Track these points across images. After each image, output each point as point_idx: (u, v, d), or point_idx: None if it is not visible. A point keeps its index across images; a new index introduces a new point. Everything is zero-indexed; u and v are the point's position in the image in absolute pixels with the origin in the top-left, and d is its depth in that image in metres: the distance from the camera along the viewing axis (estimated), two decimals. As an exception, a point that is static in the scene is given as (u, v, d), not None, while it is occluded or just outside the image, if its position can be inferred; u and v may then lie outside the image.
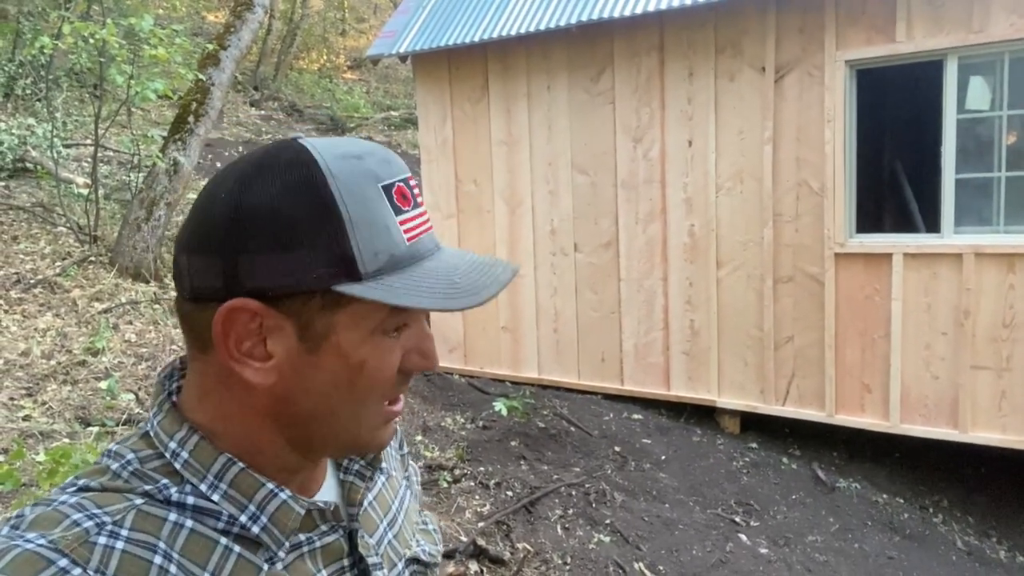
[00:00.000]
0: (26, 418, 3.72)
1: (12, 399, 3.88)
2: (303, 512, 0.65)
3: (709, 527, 3.92)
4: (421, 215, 0.66)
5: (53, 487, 2.40)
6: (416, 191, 0.66)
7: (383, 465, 0.82)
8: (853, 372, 4.62)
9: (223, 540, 0.62)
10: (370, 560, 0.72)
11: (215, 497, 0.62)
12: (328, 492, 0.73)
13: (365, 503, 0.75)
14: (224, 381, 0.64)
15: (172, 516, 0.60)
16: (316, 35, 14.95)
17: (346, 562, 0.70)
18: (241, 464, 0.63)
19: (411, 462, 0.97)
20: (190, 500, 0.61)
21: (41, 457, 3.01)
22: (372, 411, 0.66)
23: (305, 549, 0.67)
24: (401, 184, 0.64)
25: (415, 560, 0.81)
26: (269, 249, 0.59)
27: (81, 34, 5.24)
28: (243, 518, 0.62)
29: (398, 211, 0.63)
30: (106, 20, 5.50)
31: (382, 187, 0.62)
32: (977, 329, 4.23)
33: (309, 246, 0.59)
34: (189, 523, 0.61)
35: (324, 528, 0.69)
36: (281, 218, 0.59)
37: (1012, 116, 4.20)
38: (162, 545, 0.59)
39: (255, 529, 0.62)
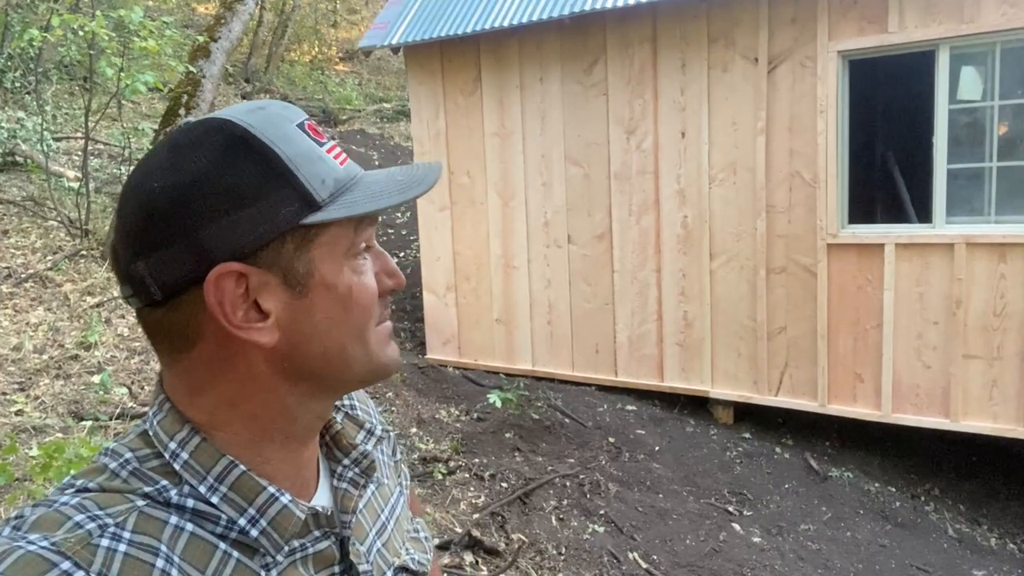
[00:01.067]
0: (19, 413, 3.71)
1: (4, 394, 3.86)
2: (303, 517, 0.65)
3: (703, 517, 3.94)
4: (336, 146, 0.68)
5: (46, 482, 2.40)
6: (321, 128, 0.69)
7: (376, 474, 0.81)
8: (845, 362, 4.64)
9: (221, 545, 0.61)
10: (361, 568, 0.71)
11: (214, 499, 0.61)
12: (321, 498, 0.73)
13: (358, 511, 0.75)
14: (220, 366, 0.63)
15: (173, 519, 0.60)
16: (308, 27, 14.85)
17: (336, 569, 0.70)
18: (243, 467, 0.63)
19: (403, 468, 0.96)
20: (189, 503, 0.61)
21: (34, 452, 3.01)
22: (372, 334, 0.68)
23: (298, 555, 0.66)
24: (308, 122, 0.66)
25: (404, 569, 0.80)
26: (228, 210, 0.59)
27: (70, 26, 5.21)
28: (242, 521, 0.62)
29: (319, 144, 0.65)
30: (95, 12, 5.46)
31: (296, 126, 0.65)
32: (968, 319, 4.26)
33: (265, 193, 0.60)
34: (189, 527, 0.60)
35: (317, 534, 0.68)
36: (227, 178, 0.60)
37: (1004, 106, 4.22)
38: (164, 548, 0.58)
39: (253, 533, 0.62)
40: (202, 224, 0.59)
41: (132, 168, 0.74)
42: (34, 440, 3.39)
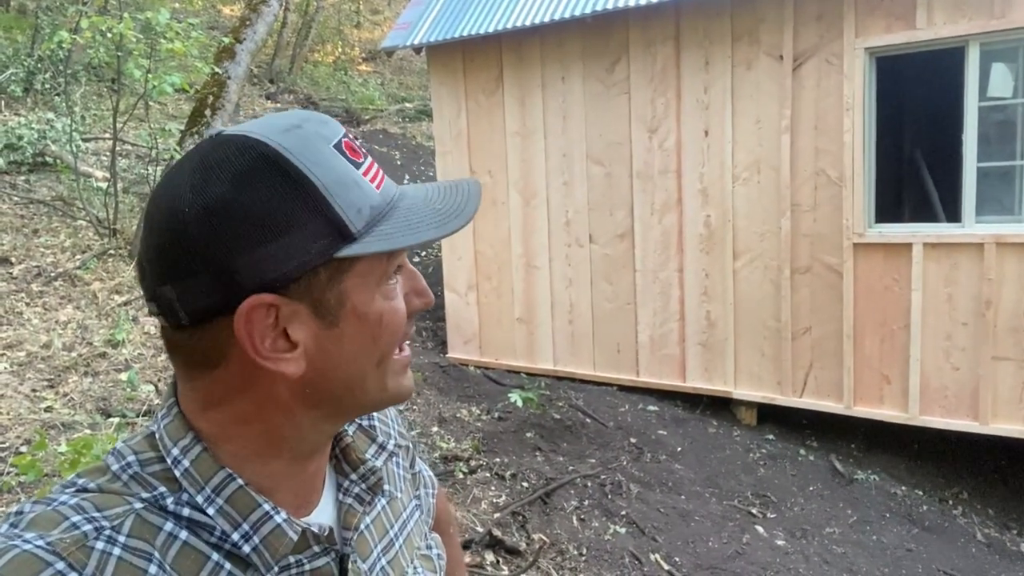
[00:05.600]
0: (48, 409, 3.77)
1: (34, 391, 3.93)
2: (296, 538, 0.64)
3: (725, 519, 3.91)
4: (373, 164, 0.66)
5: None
6: (358, 142, 0.66)
7: (386, 487, 0.80)
8: (872, 363, 4.58)
9: (214, 555, 0.61)
10: None
11: (210, 511, 0.61)
12: (324, 513, 0.72)
13: (361, 527, 0.73)
14: (240, 388, 0.62)
15: (168, 526, 0.60)
16: (331, 27, 14.95)
17: None
18: (240, 480, 0.62)
19: (427, 475, 0.95)
20: (185, 512, 0.60)
21: (63, 448, 3.06)
22: (392, 362, 0.67)
23: (294, 571, 0.65)
24: (346, 140, 0.64)
25: None
26: (260, 241, 0.57)
27: (99, 28, 5.28)
28: (235, 536, 0.61)
29: (356, 165, 0.63)
30: (123, 14, 5.54)
31: (333, 147, 0.62)
32: (998, 319, 4.18)
33: (298, 224, 0.58)
34: (183, 535, 0.60)
35: (316, 550, 0.67)
36: (258, 207, 0.57)
37: (1035, 103, 4.13)
38: (157, 555, 0.58)
39: (246, 548, 0.61)
40: (233, 255, 0.57)
41: (158, 180, 0.71)
42: (63, 436, 3.44)
